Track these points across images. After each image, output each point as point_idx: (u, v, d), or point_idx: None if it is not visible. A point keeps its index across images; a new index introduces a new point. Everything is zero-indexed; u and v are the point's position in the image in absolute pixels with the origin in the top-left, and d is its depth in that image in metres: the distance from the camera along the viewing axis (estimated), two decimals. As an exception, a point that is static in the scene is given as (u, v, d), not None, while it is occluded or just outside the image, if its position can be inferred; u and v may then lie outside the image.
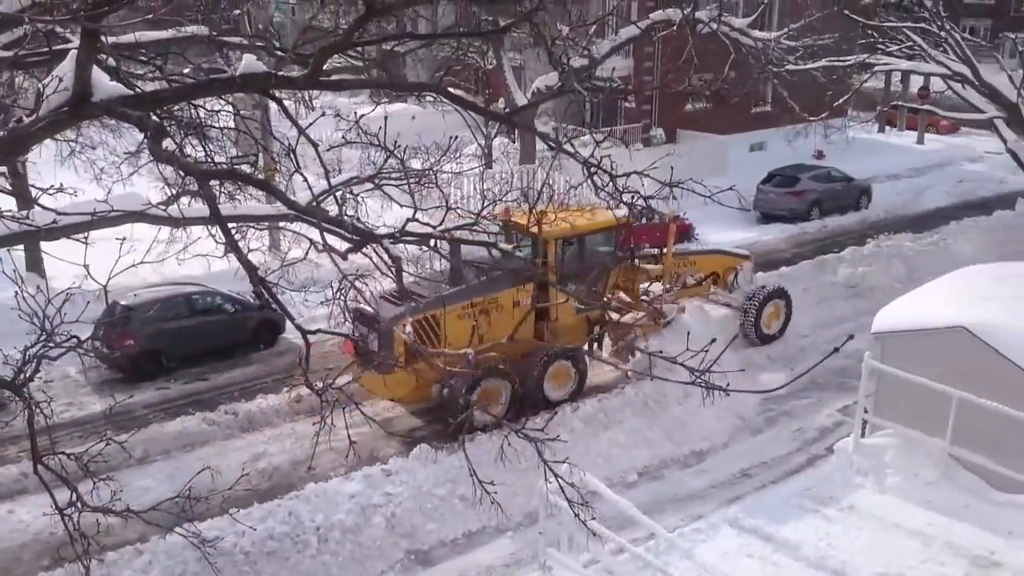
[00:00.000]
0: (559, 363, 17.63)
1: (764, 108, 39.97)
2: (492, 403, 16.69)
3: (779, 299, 21.19)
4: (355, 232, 7.30)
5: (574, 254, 18.25)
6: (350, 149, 11.04)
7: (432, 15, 30.31)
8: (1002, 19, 61.59)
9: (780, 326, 21.24)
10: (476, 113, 8.31)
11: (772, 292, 21.04)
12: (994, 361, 13.41)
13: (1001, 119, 19.78)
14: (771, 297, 20.97)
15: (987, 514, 13.11)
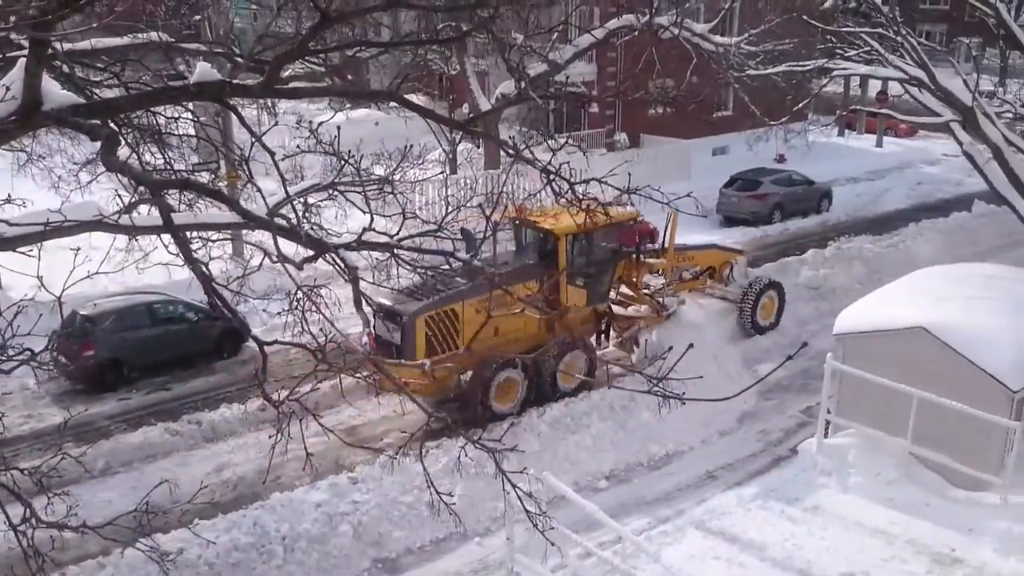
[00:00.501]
0: (571, 355, 18.14)
1: (726, 113, 40.32)
2: (510, 394, 17.35)
3: (773, 291, 21.86)
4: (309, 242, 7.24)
5: (583, 249, 18.80)
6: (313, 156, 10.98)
7: (393, 21, 30.27)
8: (957, 24, 62.62)
9: (775, 317, 21.94)
10: (433, 120, 8.26)
11: (766, 284, 21.71)
12: (952, 360, 13.64)
13: (957, 122, 20.07)
14: (765, 289, 21.65)
15: (947, 511, 13.32)
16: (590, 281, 19.04)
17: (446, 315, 16.96)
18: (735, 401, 17.89)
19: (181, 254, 6.78)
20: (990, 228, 29.53)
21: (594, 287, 19.24)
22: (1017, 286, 15.77)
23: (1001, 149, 19.15)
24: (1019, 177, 19.24)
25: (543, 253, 18.77)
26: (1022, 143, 20.05)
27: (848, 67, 23.02)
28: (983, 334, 13.75)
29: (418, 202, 26.74)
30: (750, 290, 21.45)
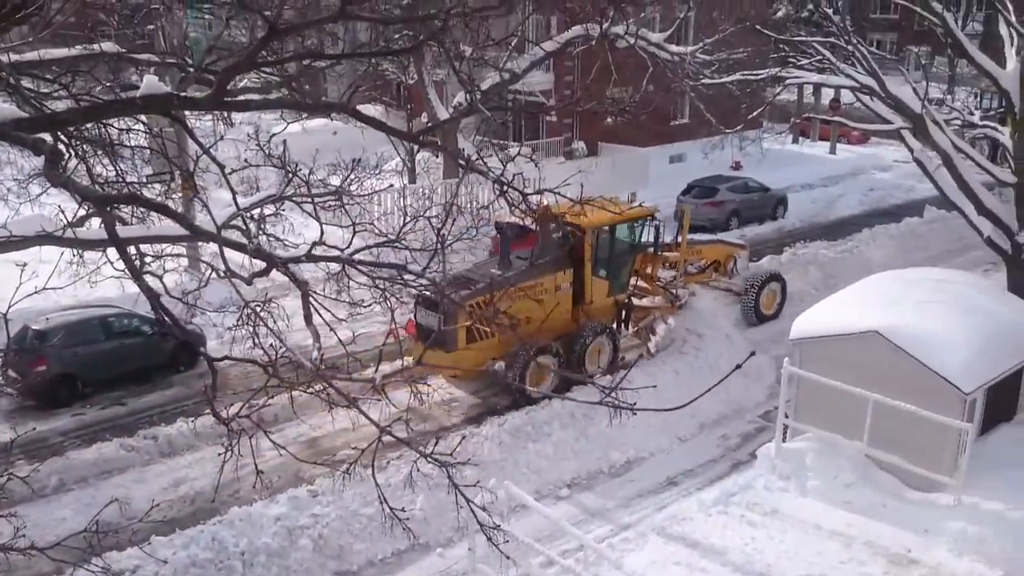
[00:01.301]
0: (597, 340, 19.43)
1: (683, 121, 40.70)
2: (541, 377, 18.47)
3: (775, 282, 23.20)
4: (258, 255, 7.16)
5: (606, 242, 20.10)
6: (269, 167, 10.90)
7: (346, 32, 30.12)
8: (906, 33, 63.80)
9: (777, 307, 23.15)
10: (385, 133, 8.22)
11: (769, 276, 23.07)
12: (906, 363, 13.85)
13: (907, 129, 20.43)
14: (768, 281, 22.99)
15: (903, 513, 13.51)
16: (611, 273, 20.29)
17: (485, 303, 17.57)
18: (694, 407, 18.07)
19: (127, 268, 6.66)
20: (941, 233, 30.15)
21: (615, 278, 20.42)
22: (967, 290, 16.08)
23: (950, 155, 19.51)
24: (968, 183, 19.61)
25: (570, 246, 19.75)
26: (970, 150, 20.46)
27: (801, 76, 23.34)
28: (935, 337, 13.98)
29: (376, 212, 26.62)
30: (754, 282, 22.71)
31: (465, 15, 9.10)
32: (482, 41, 13.38)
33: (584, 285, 19.80)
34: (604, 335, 19.64)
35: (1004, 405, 15.10)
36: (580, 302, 19.95)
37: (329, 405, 7.42)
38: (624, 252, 20.60)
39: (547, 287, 19.03)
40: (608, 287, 20.32)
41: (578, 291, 19.77)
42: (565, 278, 19.41)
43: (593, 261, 19.85)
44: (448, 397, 18.58)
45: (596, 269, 19.99)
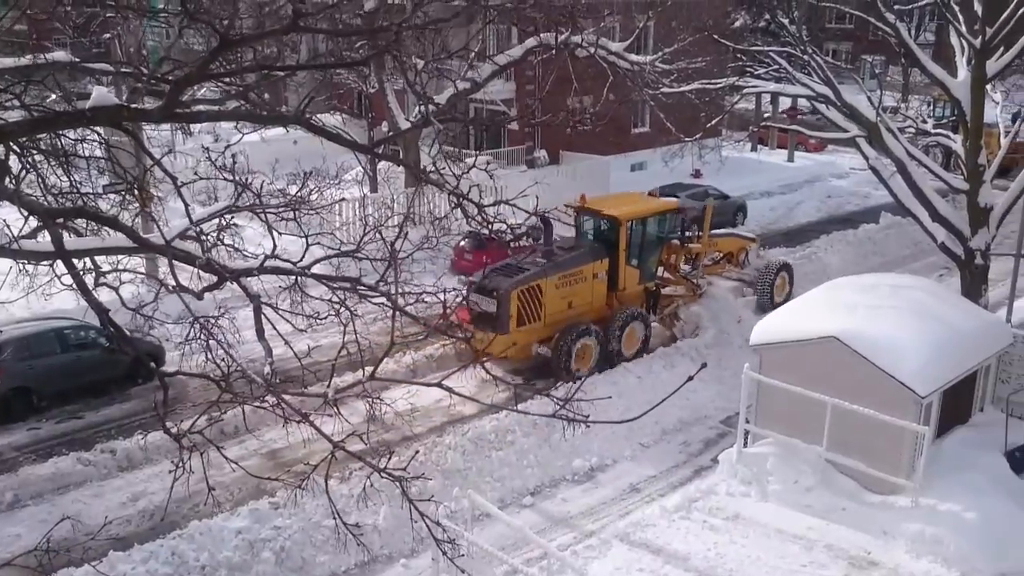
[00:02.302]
0: (632, 325, 21.08)
1: (643, 129, 40.99)
2: (585, 358, 20.17)
3: (785, 272, 24.79)
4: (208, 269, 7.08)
5: (638, 233, 21.80)
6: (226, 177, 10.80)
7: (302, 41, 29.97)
8: (861, 43, 64.88)
9: (786, 294, 24.23)
10: (339, 144, 8.19)
11: (780, 267, 24.69)
12: (863, 368, 14.05)
13: (863, 137, 20.75)
14: (779, 271, 24.59)
15: (862, 515, 13.69)
16: (642, 262, 22.10)
17: (533, 289, 19.96)
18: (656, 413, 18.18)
19: (74, 282, 6.56)
20: (896, 239, 30.66)
21: (645, 267, 22.27)
22: (923, 295, 16.35)
23: (904, 163, 19.85)
24: (922, 190, 19.96)
25: (605, 237, 21.58)
26: (924, 157, 20.84)
27: (758, 85, 23.63)
28: (892, 342, 14.20)
29: (337, 223, 26.48)
30: (766, 272, 24.38)
31: (418, 28, 9.09)
32: (437, 53, 13.39)
33: (618, 273, 21.60)
34: (638, 320, 21.27)
35: (959, 408, 15.38)
36: (614, 289, 21.70)
37: (283, 420, 7.35)
38: (653, 243, 22.34)
39: (585, 274, 20.88)
40: (639, 275, 22.15)
41: (612, 278, 21.54)
42: (602, 266, 21.19)
43: (627, 251, 21.59)
44: (409, 407, 18.51)
45: (629, 258, 21.73)
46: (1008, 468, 14.49)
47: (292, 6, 6.58)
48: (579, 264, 20.86)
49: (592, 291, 20.98)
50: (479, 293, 19.83)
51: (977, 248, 20.07)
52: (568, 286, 20.45)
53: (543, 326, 20.25)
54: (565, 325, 20.08)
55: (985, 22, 19.44)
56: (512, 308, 19.57)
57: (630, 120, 40.47)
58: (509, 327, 19.57)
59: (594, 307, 21.12)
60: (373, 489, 11.54)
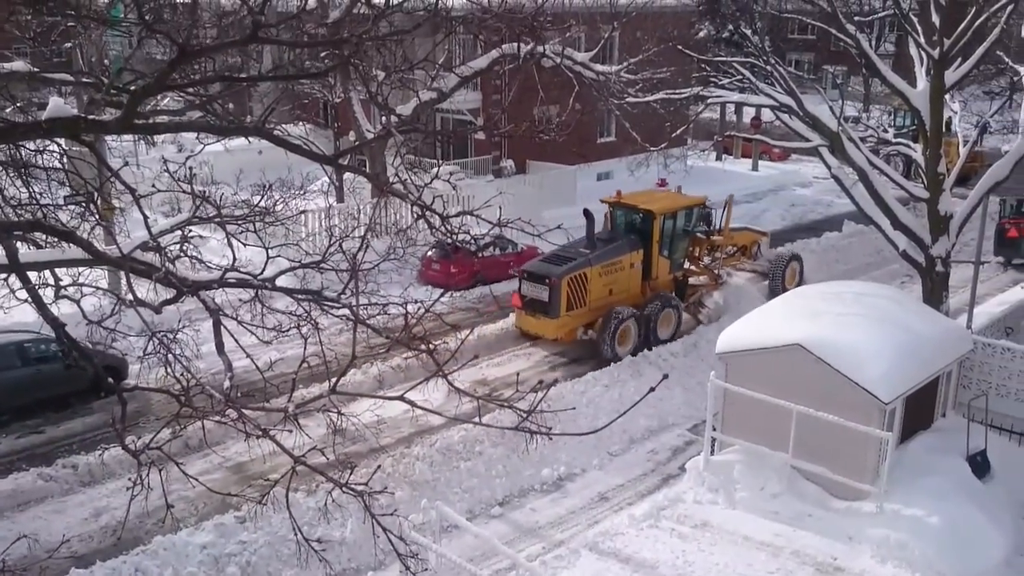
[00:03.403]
0: (667, 310, 23.06)
1: (609, 139, 41.20)
2: (626, 340, 22.14)
3: (795, 262, 26.55)
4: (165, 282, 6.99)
5: (670, 226, 23.76)
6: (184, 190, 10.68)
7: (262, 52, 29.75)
8: (823, 53, 65.81)
9: (796, 283, 25.94)
10: (300, 155, 8.13)
11: (790, 257, 26.53)
12: (828, 375, 14.18)
13: (825, 147, 21.00)
14: (790, 261, 26.34)
15: (828, 521, 13.80)
16: (672, 253, 24.09)
17: (580, 277, 22.01)
18: (623, 422, 18.24)
19: (29, 297, 6.45)
20: (859, 247, 31.04)
21: (674, 258, 24.28)
22: (885, 302, 16.55)
23: (866, 172, 20.10)
24: (883, 198, 20.22)
25: (639, 230, 23.53)
26: (885, 166, 21.13)
27: (722, 95, 23.85)
28: (856, 349, 14.35)
29: (302, 233, 26.31)
30: (778, 262, 26.17)
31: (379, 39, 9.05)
32: (400, 64, 13.35)
33: (651, 263, 23.59)
34: (672, 306, 23.25)
35: (922, 413, 15.57)
36: (647, 278, 23.68)
37: (245, 435, 7.25)
38: (681, 235, 24.35)
39: (623, 264, 22.95)
40: (669, 265, 24.16)
41: (646, 268, 23.53)
42: (638, 256, 23.28)
43: (659, 242, 23.56)
44: (376, 419, 18.41)
45: (661, 249, 23.70)
46: (970, 473, 14.68)
47: (252, 17, 6.53)
48: (619, 254, 22.93)
49: (629, 279, 23.15)
50: (530, 281, 22.08)
51: (938, 255, 20.36)
52: (609, 274, 22.61)
53: (587, 311, 22.26)
54: (606, 310, 22.15)
55: (943, 33, 19.77)
56: (563, 294, 21.64)
57: (596, 130, 40.66)
58: (560, 311, 21.72)
59: (631, 294, 23.16)
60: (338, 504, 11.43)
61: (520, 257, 27.82)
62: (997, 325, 19.68)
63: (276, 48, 30.99)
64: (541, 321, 22.06)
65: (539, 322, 22.13)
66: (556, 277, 21.72)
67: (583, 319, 22.38)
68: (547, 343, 22.81)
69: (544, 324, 22.04)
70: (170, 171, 8.19)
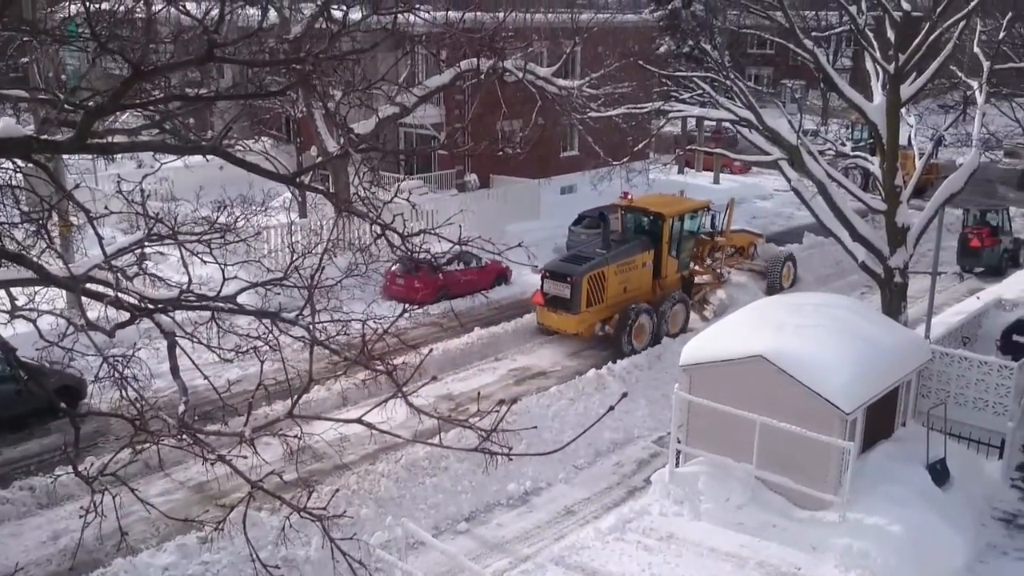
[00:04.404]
0: (677, 307, 24.86)
1: (572, 153, 41.40)
2: (641, 335, 23.60)
3: (790, 262, 28.81)
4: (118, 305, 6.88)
5: (678, 228, 25.44)
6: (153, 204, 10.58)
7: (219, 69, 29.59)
8: (781, 68, 66.74)
9: (791, 281, 28.67)
10: (257, 174, 8.06)
11: (786, 257, 28.76)
12: (790, 386, 14.30)
13: (784, 160, 21.27)
14: (786, 261, 28.56)
15: (792, 532, 13.89)
16: (680, 253, 25.76)
17: (599, 275, 23.60)
18: (588, 435, 18.25)
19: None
20: (819, 258, 31.42)
21: (682, 257, 25.95)
22: (845, 313, 16.74)
23: (825, 185, 20.39)
24: (842, 210, 20.51)
25: (650, 231, 25.28)
26: (844, 179, 21.44)
27: (683, 109, 24.11)
28: (817, 360, 14.48)
29: (265, 249, 26.10)
30: (775, 262, 28.30)
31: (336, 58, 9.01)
32: (359, 81, 13.32)
33: (661, 262, 25.27)
34: (681, 302, 25.04)
35: (882, 423, 15.74)
36: (657, 276, 25.33)
37: (201, 458, 7.14)
38: (688, 236, 26.06)
39: (637, 263, 24.60)
40: (677, 264, 25.77)
41: (656, 267, 25.21)
42: (649, 256, 24.96)
43: (669, 243, 25.21)
44: (340, 436, 18.29)
45: (670, 249, 25.36)
46: (930, 481, 14.87)
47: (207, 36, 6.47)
48: (632, 254, 24.61)
49: (641, 278, 24.79)
50: (552, 279, 23.57)
51: (896, 266, 20.68)
52: (624, 273, 24.23)
53: (605, 307, 23.76)
54: (621, 307, 23.71)
55: (898, 49, 20.15)
56: (583, 291, 23.15)
57: (559, 144, 40.84)
58: (581, 307, 23.18)
59: (643, 292, 24.79)
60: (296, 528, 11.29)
61: (484, 271, 27.86)
62: (954, 335, 20.01)
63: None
64: (563, 317, 23.47)
65: (561, 318, 23.53)
66: (577, 275, 23.22)
67: (601, 315, 23.79)
68: (513, 359, 22.82)
69: (565, 320, 23.45)
70: (123, 192, 8.07)
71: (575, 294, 23.17)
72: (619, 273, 24.12)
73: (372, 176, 11.64)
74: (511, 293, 28.49)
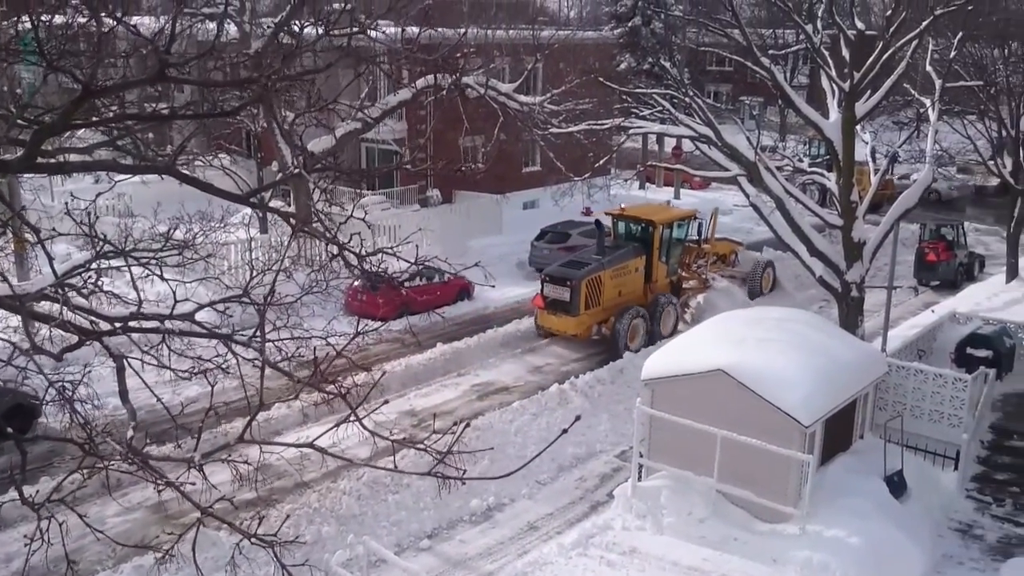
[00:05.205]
0: (668, 309, 26.16)
1: (535, 168, 41.55)
2: (636, 336, 24.93)
3: (770, 268, 30.46)
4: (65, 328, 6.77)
5: (668, 235, 26.99)
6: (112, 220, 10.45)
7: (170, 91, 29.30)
8: (739, 85, 67.57)
9: (771, 286, 30.36)
10: (210, 194, 7.98)
11: (766, 264, 30.37)
12: (750, 400, 14.43)
13: (743, 176, 21.51)
14: (766, 267, 30.23)
15: (753, 544, 13.98)
16: (669, 259, 27.28)
17: (596, 280, 24.84)
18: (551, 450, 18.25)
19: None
20: (778, 273, 31.74)
21: (671, 263, 27.51)
22: (804, 327, 16.94)
23: (783, 200, 20.64)
24: (800, 226, 20.77)
25: (641, 238, 26.70)
26: (801, 195, 21.73)
27: (643, 125, 24.30)
28: (776, 374, 14.63)
29: (225, 266, 25.84)
30: (755, 268, 29.95)
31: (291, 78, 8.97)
32: (315, 101, 13.26)
33: (652, 267, 26.67)
34: (672, 305, 26.37)
35: (841, 436, 15.93)
36: (648, 281, 26.68)
37: (153, 483, 7.00)
38: (677, 243, 27.60)
39: (630, 268, 25.97)
40: (667, 270, 27.27)
41: (647, 272, 26.57)
42: (641, 262, 26.33)
43: (659, 249, 26.68)
44: (299, 454, 18.15)
45: (660, 255, 26.81)
46: (888, 493, 15.06)
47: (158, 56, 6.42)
48: (626, 260, 25.91)
49: (634, 282, 26.10)
50: (552, 283, 24.83)
51: (853, 281, 20.96)
52: (619, 277, 25.52)
53: (601, 310, 24.94)
54: (616, 310, 24.90)
55: (853, 67, 20.50)
56: (582, 295, 24.35)
57: (521, 159, 40.97)
58: (580, 310, 24.39)
59: (636, 295, 26.06)
60: (232, 563, 11.14)
61: (447, 287, 27.82)
62: (910, 348, 20.33)
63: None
64: (562, 319, 24.68)
65: (560, 320, 24.75)
66: (577, 279, 24.45)
67: (597, 317, 24.95)
68: (476, 375, 22.78)
69: (565, 322, 24.67)
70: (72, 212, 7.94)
71: (574, 297, 24.34)
72: (614, 278, 25.30)
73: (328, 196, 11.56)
74: (474, 308, 28.49)
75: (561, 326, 24.88)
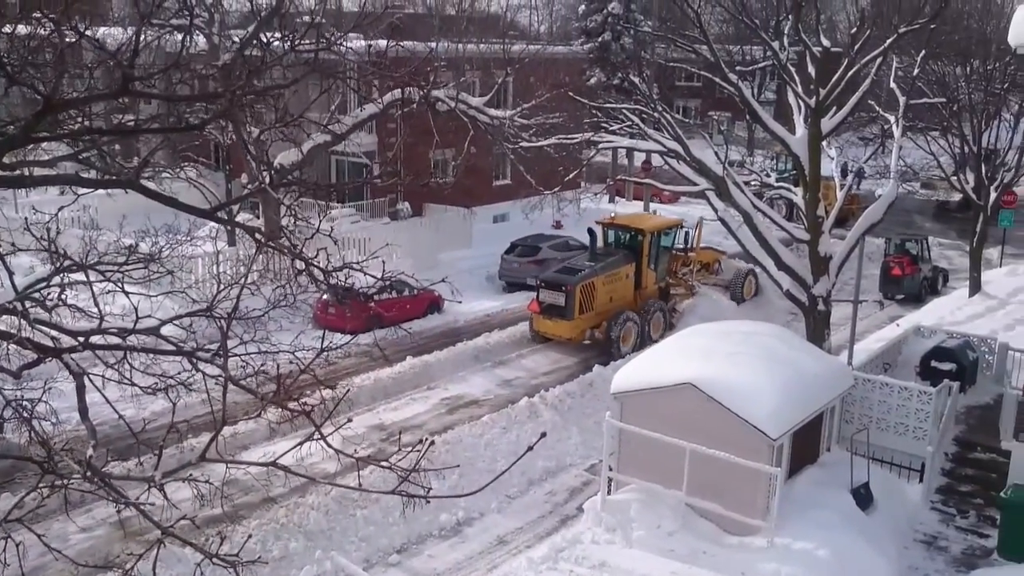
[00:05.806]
0: (657, 314, 27.21)
1: (505, 182, 41.62)
2: (628, 339, 25.86)
3: (752, 276, 30.71)
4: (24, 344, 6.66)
5: (656, 243, 28.05)
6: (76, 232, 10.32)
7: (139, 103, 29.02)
8: (708, 100, 68.20)
9: (753, 292, 31.00)
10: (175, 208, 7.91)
11: (747, 271, 30.62)
12: (718, 413, 14.48)
13: (711, 190, 21.69)
14: (748, 275, 30.68)
15: (722, 558, 14.00)
16: (657, 266, 28.34)
17: (590, 285, 25.85)
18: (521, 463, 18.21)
19: None
20: (763, 281, 31.98)
21: (659, 270, 28.56)
22: (772, 340, 17.04)
23: (750, 215, 20.85)
24: (767, 240, 20.97)
25: (631, 246, 27.83)
26: (768, 209, 21.95)
27: (613, 140, 24.45)
28: (745, 387, 14.69)
29: (192, 279, 25.59)
30: (738, 276, 30.69)
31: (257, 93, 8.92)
32: (280, 116, 13.21)
33: (642, 274, 27.67)
34: (661, 310, 27.53)
35: (808, 448, 16.03)
36: (638, 287, 27.67)
37: (113, 503, 6.88)
38: (665, 251, 28.75)
39: (621, 275, 26.97)
40: (655, 276, 28.31)
41: (637, 279, 27.56)
42: (631, 269, 27.38)
43: (648, 256, 27.75)
44: (268, 469, 17.99)
45: (649, 262, 27.87)
46: (855, 505, 15.17)
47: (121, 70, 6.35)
48: (617, 266, 26.96)
49: (625, 288, 27.10)
50: (548, 288, 25.80)
51: (819, 295, 21.17)
52: (610, 283, 26.50)
53: (595, 315, 25.82)
54: (608, 315, 25.80)
55: (819, 83, 20.77)
56: (576, 300, 25.31)
57: (491, 173, 41.02)
58: (574, 314, 25.34)
59: (626, 301, 26.97)
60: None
61: (417, 300, 27.76)
62: (876, 361, 20.52)
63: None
64: (557, 324, 25.62)
65: (555, 324, 25.66)
66: (572, 284, 25.40)
67: (591, 322, 25.79)
68: (445, 388, 22.73)
69: (560, 326, 25.61)
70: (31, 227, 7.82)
71: (569, 302, 25.27)
72: (606, 284, 26.32)
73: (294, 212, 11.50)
74: (444, 321, 28.43)
75: (556, 330, 25.73)
